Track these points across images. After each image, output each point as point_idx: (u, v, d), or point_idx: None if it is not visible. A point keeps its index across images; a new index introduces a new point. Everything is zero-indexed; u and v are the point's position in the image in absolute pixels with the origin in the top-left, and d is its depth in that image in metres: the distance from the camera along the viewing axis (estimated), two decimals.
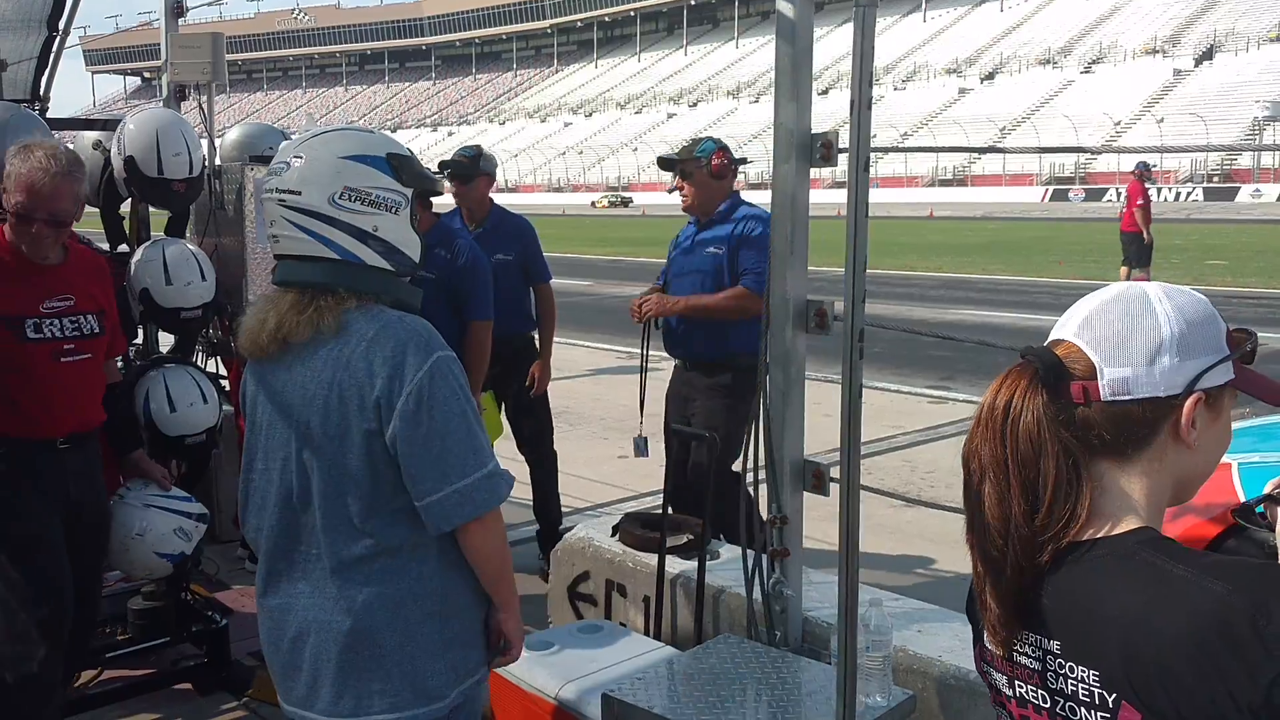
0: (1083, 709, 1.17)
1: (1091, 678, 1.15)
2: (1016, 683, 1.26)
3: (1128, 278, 15.16)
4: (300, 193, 2.05)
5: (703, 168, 4.49)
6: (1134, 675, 1.11)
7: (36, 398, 3.13)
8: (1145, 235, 15.07)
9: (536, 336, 5.48)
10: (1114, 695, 1.14)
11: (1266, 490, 1.37)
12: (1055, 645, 1.19)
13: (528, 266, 5.36)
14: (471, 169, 5.19)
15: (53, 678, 3.23)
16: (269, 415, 2.14)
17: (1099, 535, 1.21)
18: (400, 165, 2.11)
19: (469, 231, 5.15)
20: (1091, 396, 1.21)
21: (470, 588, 2.14)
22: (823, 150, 2.90)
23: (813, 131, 2.96)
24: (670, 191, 4.63)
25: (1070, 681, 1.18)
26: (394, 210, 2.10)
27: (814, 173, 3.04)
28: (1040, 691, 1.22)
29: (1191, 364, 1.21)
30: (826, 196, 8.44)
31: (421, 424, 1.99)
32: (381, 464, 2.02)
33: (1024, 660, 1.24)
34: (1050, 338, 1.28)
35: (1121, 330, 1.22)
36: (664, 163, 4.64)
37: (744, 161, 4.70)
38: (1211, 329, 1.23)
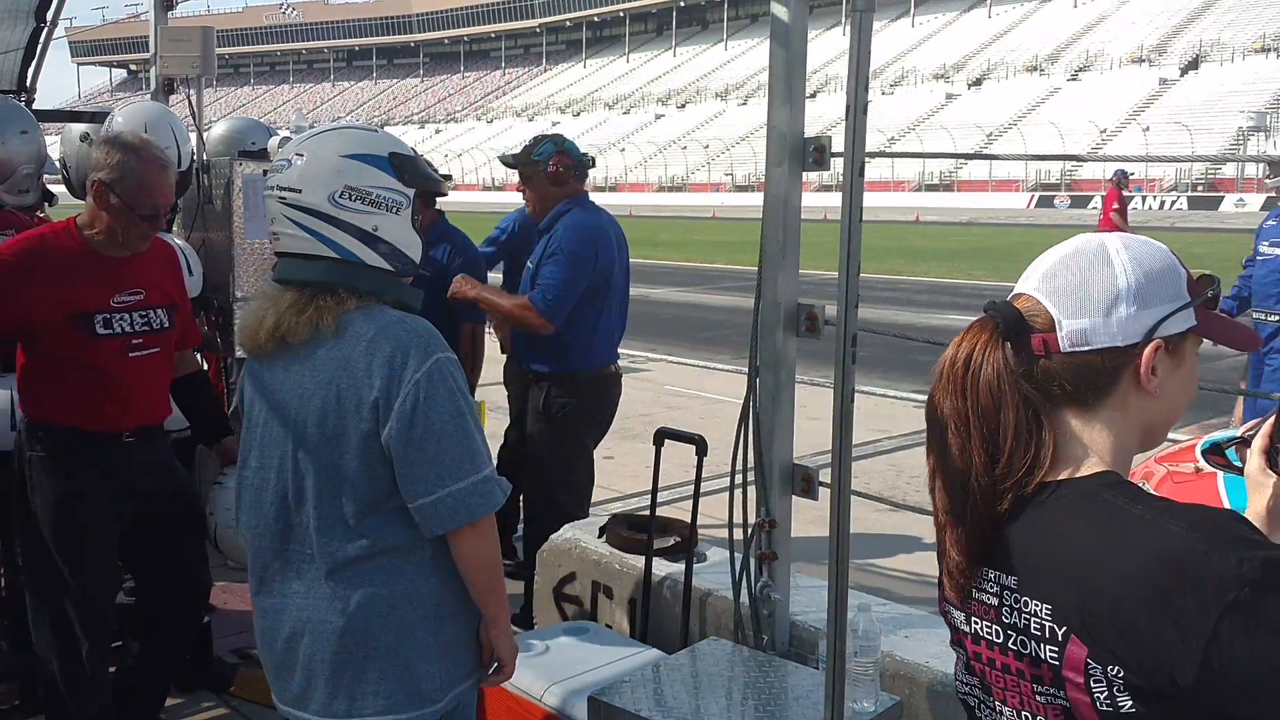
0: (1034, 642, 1.19)
1: (1045, 612, 1.18)
2: (973, 619, 1.29)
3: None
4: (300, 190, 2.03)
5: (540, 172, 4.26)
6: (1086, 611, 1.13)
7: (105, 392, 3.10)
8: None
9: None
10: (1064, 629, 1.16)
11: (1240, 433, 1.38)
12: (1013, 581, 1.22)
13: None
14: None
15: (98, 672, 3.23)
16: (265, 414, 2.12)
17: (1064, 478, 1.23)
18: (402, 165, 2.11)
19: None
20: (1051, 348, 1.24)
21: (466, 590, 2.13)
22: (815, 154, 2.89)
23: (805, 135, 2.96)
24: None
25: (1024, 615, 1.21)
26: (395, 210, 2.09)
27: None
28: (995, 627, 1.25)
29: (1149, 313, 1.23)
30: (811, 200, 8.44)
31: (418, 425, 1.98)
32: (378, 465, 2.01)
33: (983, 597, 1.26)
34: (1013, 291, 1.31)
35: (1079, 282, 1.24)
36: (504, 161, 4.44)
37: (591, 165, 4.41)
38: (1171, 277, 1.25)
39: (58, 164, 4.46)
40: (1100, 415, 1.25)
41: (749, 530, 3.13)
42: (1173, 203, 49.58)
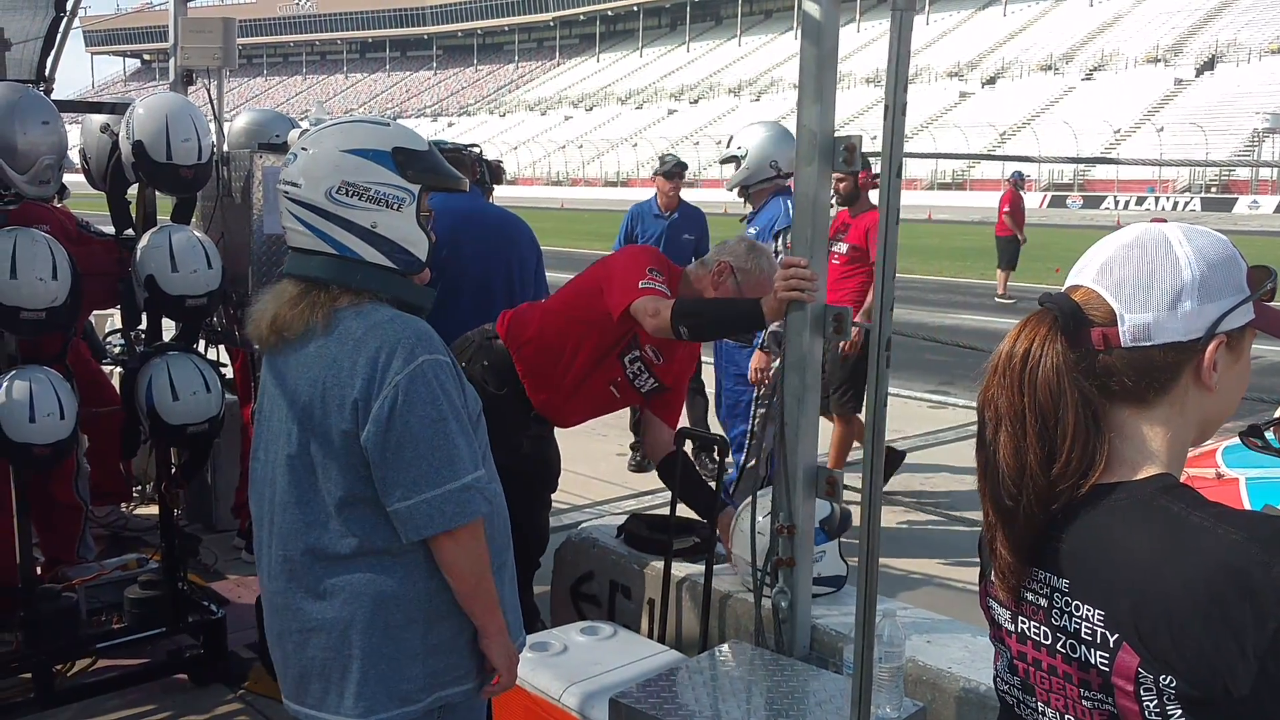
0: (1083, 647, 1.17)
1: (1096, 617, 1.15)
2: (1020, 618, 1.26)
3: (1006, 280, 17.11)
4: (300, 185, 2.03)
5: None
6: (1140, 618, 1.11)
7: None
8: (1020, 236, 16.71)
9: None
10: (1116, 636, 1.14)
11: (1277, 414, 1.36)
12: (1064, 584, 1.20)
13: (699, 247, 6.84)
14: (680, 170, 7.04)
15: None
16: (270, 405, 2.13)
17: (1118, 480, 1.20)
18: (407, 161, 2.06)
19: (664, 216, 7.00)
20: (1112, 343, 1.20)
21: None
22: (845, 154, 2.86)
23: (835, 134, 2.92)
24: None
25: (1074, 619, 1.18)
26: (396, 207, 2.05)
27: None
28: (1043, 628, 1.22)
29: (1212, 307, 1.20)
30: None
31: (394, 429, 1.95)
32: (359, 465, 1.99)
33: (1031, 597, 1.24)
34: (1067, 283, 1.27)
35: (1141, 275, 1.21)
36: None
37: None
38: (1232, 269, 1.22)
39: (76, 155, 4.44)
40: (1158, 412, 1.22)
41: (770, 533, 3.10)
42: (1186, 204, 49.36)
